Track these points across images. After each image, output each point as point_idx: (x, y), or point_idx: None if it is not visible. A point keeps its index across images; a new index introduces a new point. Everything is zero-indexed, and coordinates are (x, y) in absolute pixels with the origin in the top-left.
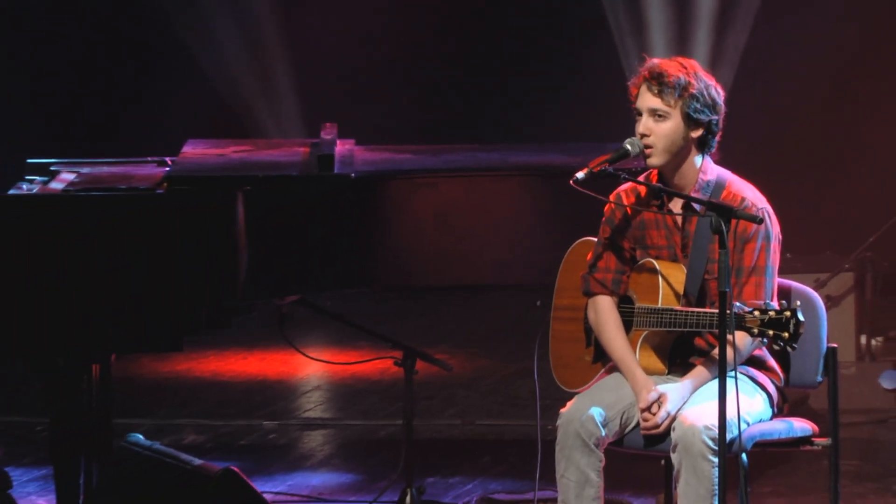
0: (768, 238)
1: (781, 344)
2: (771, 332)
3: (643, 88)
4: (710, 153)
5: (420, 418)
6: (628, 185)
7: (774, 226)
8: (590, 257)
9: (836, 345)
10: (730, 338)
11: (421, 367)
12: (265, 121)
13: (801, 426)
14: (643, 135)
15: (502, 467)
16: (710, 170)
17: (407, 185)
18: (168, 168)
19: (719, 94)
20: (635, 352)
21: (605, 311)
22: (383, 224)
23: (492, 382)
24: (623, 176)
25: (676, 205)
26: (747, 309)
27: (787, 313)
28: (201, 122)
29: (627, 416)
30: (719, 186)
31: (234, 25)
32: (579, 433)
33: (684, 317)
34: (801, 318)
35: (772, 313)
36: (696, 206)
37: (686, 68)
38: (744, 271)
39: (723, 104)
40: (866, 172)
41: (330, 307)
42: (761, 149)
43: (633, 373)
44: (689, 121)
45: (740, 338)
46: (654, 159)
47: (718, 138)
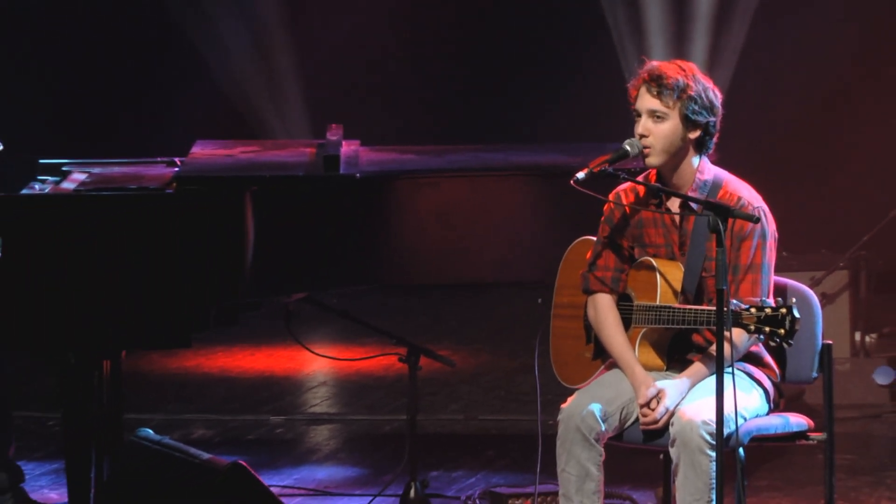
0: (764, 236)
1: (777, 340)
2: (767, 329)
3: (643, 90)
4: (707, 154)
5: (424, 413)
6: (627, 184)
7: (770, 224)
8: (589, 256)
9: (831, 341)
10: (727, 334)
11: (425, 363)
12: (272, 122)
13: (796, 421)
14: (642, 135)
15: (504, 461)
16: (707, 170)
17: (411, 185)
18: (177, 168)
19: (717, 96)
20: (634, 348)
21: (604, 309)
22: (388, 223)
23: (494, 378)
24: (622, 176)
25: (674, 204)
26: (744, 306)
27: (783, 310)
28: (209, 124)
29: (627, 411)
30: (716, 186)
31: (241, 28)
32: (580, 428)
33: (682, 314)
34: (797, 315)
35: (768, 310)
36: (694, 205)
37: (685, 71)
38: (740, 269)
39: (720, 106)
40: (861, 172)
41: (335, 305)
42: (758, 149)
43: (633, 369)
44: (687, 122)
45: (737, 334)
46: (652, 159)
47: (716, 140)
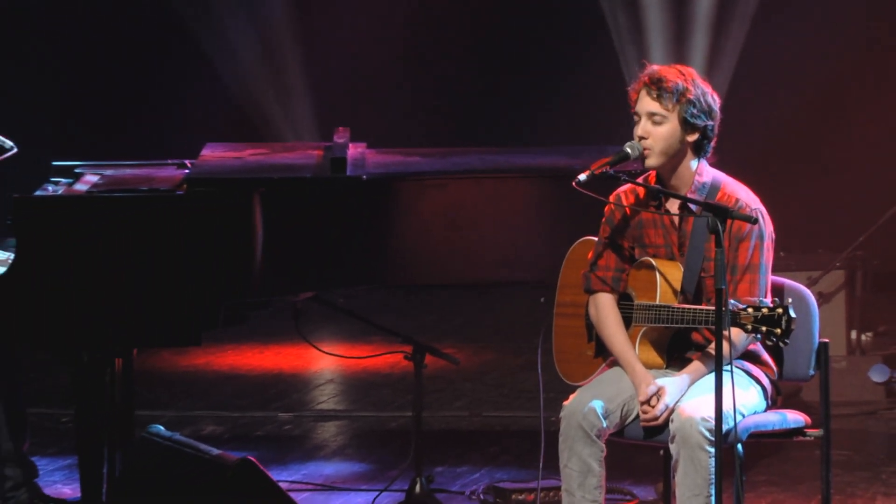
0: (762, 237)
1: (774, 340)
2: (764, 329)
3: (643, 93)
4: (705, 157)
5: (429, 410)
6: (627, 186)
7: (768, 225)
8: (591, 256)
9: (827, 340)
10: (725, 333)
11: (430, 361)
12: (280, 125)
13: (794, 418)
14: (641, 137)
15: (508, 457)
16: (705, 172)
17: (416, 187)
18: (187, 170)
19: (715, 101)
20: (635, 347)
21: (605, 308)
22: (393, 224)
23: (498, 376)
24: (623, 178)
25: (673, 205)
26: (742, 306)
27: (780, 310)
28: (219, 126)
29: (627, 408)
30: (714, 188)
31: (250, 34)
32: (581, 425)
33: (681, 313)
34: (793, 314)
35: (765, 310)
36: (693, 206)
37: (684, 75)
38: (738, 269)
39: (718, 111)
40: (857, 174)
41: (342, 304)
42: (756, 149)
43: (633, 367)
44: (686, 125)
45: (735, 334)
46: (651, 160)
47: (714, 143)
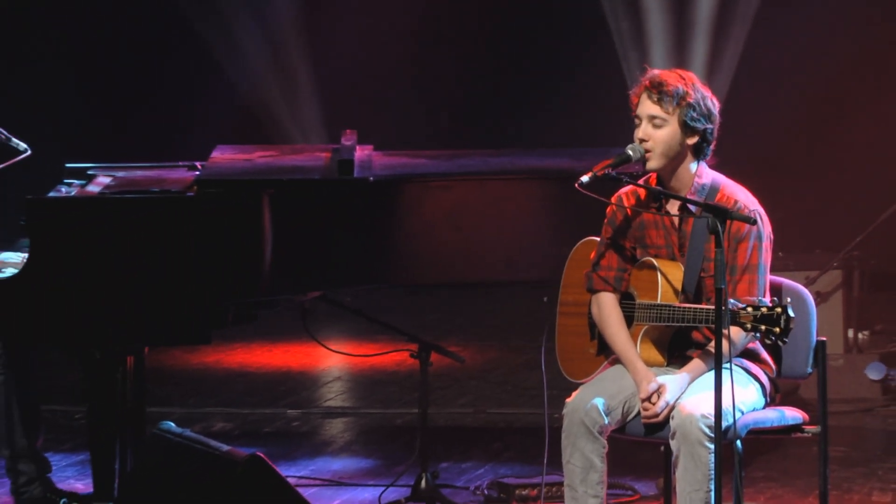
0: (760, 238)
1: (773, 338)
2: (763, 328)
3: (643, 96)
4: (705, 159)
5: (434, 407)
6: (629, 188)
7: (766, 226)
8: (593, 256)
9: (825, 338)
10: (725, 332)
11: (435, 359)
12: (289, 127)
13: (792, 415)
14: (642, 140)
15: (512, 453)
16: (705, 174)
17: (422, 188)
18: (198, 172)
19: (715, 105)
20: (636, 345)
21: (607, 307)
22: (400, 225)
23: (502, 373)
24: (624, 179)
25: (674, 207)
26: (741, 305)
27: (779, 309)
28: (228, 129)
29: (629, 405)
30: (713, 189)
31: (259, 38)
32: (584, 421)
33: (682, 312)
34: (792, 314)
35: (764, 309)
36: (692, 207)
37: (684, 79)
38: (737, 269)
39: (717, 114)
40: (854, 175)
41: (349, 303)
42: (755, 150)
43: (635, 365)
44: (686, 128)
45: (735, 332)
46: (652, 163)
47: (713, 147)
